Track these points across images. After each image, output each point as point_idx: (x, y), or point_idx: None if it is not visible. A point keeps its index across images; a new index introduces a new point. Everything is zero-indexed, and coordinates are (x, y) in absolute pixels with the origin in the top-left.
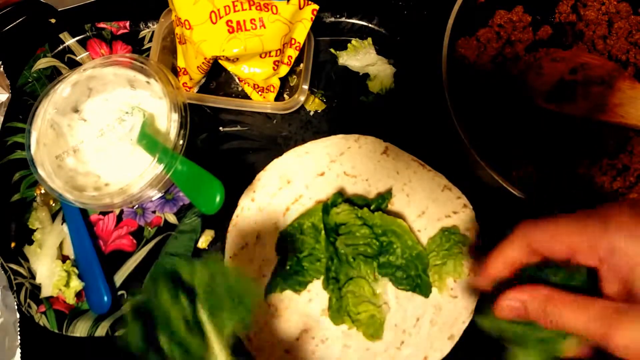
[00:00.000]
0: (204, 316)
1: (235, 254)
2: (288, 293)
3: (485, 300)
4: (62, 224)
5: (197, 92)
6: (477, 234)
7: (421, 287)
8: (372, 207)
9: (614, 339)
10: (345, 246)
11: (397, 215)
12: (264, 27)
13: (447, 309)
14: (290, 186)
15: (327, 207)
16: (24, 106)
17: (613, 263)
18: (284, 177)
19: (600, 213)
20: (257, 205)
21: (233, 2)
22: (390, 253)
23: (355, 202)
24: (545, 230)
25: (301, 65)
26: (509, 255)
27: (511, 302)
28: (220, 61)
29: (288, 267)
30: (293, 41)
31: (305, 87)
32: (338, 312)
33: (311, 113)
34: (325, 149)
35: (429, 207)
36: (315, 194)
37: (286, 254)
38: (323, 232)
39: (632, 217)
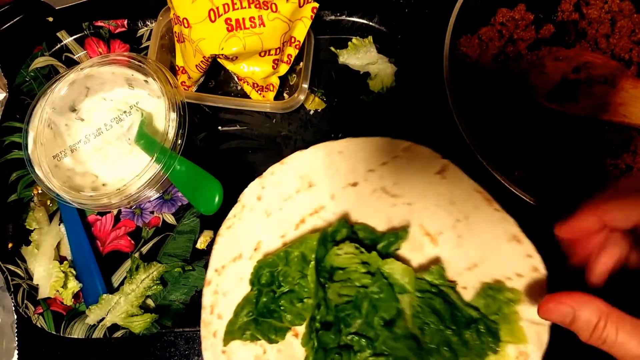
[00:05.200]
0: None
1: (224, 266)
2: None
3: None
4: (59, 225)
5: (196, 91)
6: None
7: None
8: (379, 247)
9: None
10: (338, 296)
11: (435, 261)
12: (264, 25)
13: None
14: (311, 191)
15: (325, 237)
16: (21, 105)
17: None
18: (305, 177)
19: None
20: (264, 207)
21: (232, 0)
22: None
23: (362, 237)
24: (618, 208)
25: (301, 63)
26: (581, 227)
27: (561, 306)
28: (219, 60)
29: (261, 305)
30: (293, 39)
31: (305, 86)
32: None
33: (311, 112)
34: (364, 152)
35: (485, 260)
36: (340, 208)
37: (261, 288)
38: (312, 265)
39: None
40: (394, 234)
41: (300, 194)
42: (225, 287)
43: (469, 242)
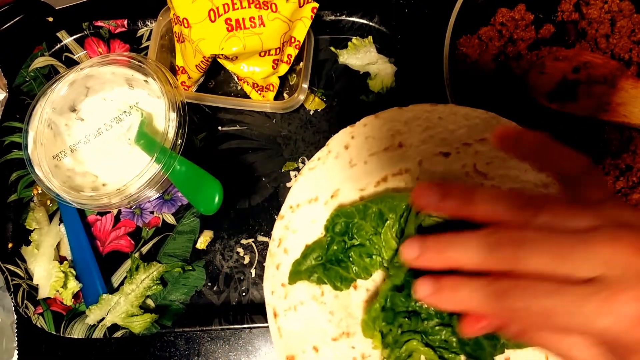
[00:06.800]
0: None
1: (299, 205)
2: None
3: None
4: (59, 225)
5: (196, 91)
6: None
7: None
8: None
9: None
10: None
11: None
12: (264, 26)
13: None
14: (400, 152)
15: None
16: (21, 105)
17: None
18: (397, 136)
19: None
20: (350, 157)
21: (232, 0)
22: None
23: None
24: None
25: (301, 63)
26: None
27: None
28: (219, 60)
29: (331, 252)
30: (293, 39)
31: (305, 86)
32: (373, 323)
33: (311, 112)
34: (465, 123)
35: None
36: (426, 175)
37: (334, 236)
38: (388, 223)
39: None
40: None
41: (388, 152)
42: (296, 225)
43: None
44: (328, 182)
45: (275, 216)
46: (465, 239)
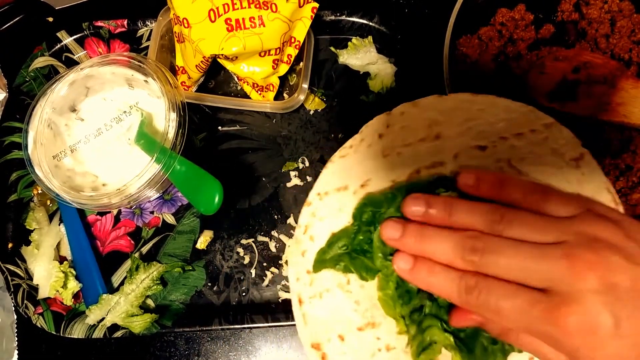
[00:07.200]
0: None
1: (327, 193)
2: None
3: None
4: (59, 225)
5: (196, 91)
6: None
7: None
8: None
9: None
10: None
11: None
12: (264, 26)
13: None
14: (435, 144)
15: (441, 180)
16: (21, 105)
17: None
18: (435, 127)
19: None
20: (383, 146)
21: (232, 0)
22: None
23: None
24: None
25: (301, 64)
26: None
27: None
28: (219, 60)
29: (357, 242)
30: (293, 39)
31: (305, 86)
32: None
33: (311, 112)
34: (504, 116)
35: None
36: (460, 168)
37: (361, 225)
38: None
39: None
40: None
41: (424, 143)
42: (323, 213)
43: None
44: (359, 171)
45: (275, 216)
46: (444, 237)
